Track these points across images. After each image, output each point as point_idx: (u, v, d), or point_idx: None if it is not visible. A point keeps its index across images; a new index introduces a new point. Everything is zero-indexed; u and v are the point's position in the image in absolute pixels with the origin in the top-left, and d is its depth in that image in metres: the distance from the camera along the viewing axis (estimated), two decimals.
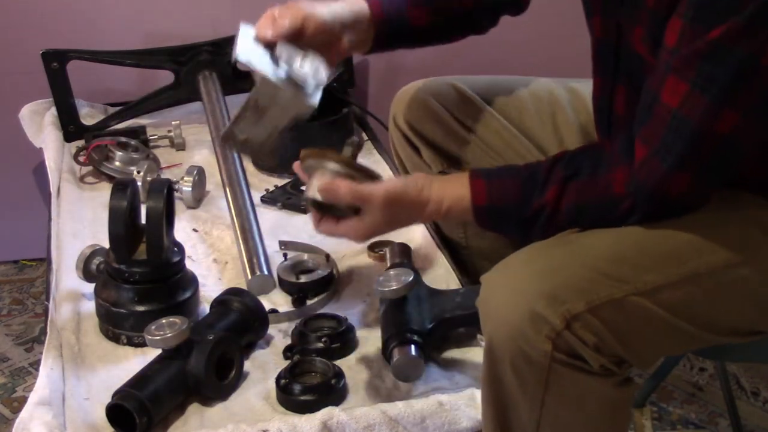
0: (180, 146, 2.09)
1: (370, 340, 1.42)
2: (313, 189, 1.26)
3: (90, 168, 1.98)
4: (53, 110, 2.14)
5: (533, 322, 1.07)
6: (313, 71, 1.28)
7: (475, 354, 1.36)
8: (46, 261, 1.69)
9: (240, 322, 1.38)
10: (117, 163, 1.95)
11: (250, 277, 1.57)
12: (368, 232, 1.27)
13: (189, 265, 1.52)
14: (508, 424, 1.15)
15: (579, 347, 1.08)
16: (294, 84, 1.27)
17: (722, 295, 1.13)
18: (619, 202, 1.13)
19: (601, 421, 1.14)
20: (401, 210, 1.25)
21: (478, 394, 1.22)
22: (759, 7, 1.01)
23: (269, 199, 1.86)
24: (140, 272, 1.42)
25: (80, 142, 2.08)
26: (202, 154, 2.05)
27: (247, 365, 1.37)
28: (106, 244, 1.46)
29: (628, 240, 1.13)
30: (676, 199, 1.11)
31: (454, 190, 1.24)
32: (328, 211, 1.28)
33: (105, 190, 1.84)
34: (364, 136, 2.14)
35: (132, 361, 1.38)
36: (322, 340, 1.37)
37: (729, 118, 1.06)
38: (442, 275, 1.57)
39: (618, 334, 1.09)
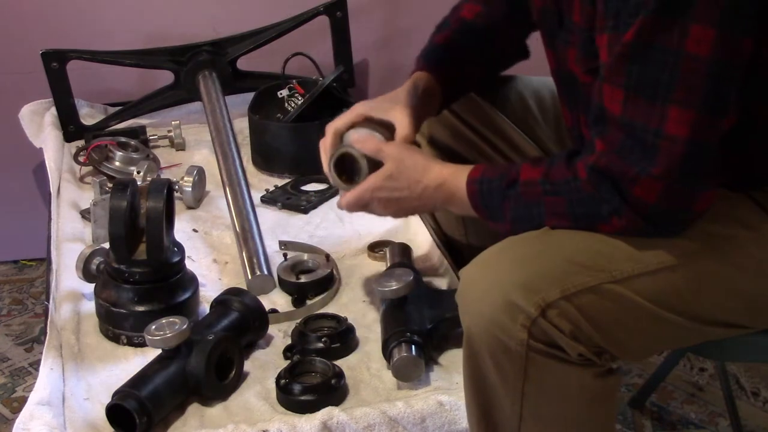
0: (180, 146, 2.09)
1: (370, 340, 1.42)
2: (346, 141, 1.37)
3: (90, 168, 1.98)
4: (53, 110, 2.15)
5: (509, 312, 1.08)
6: None
7: None
8: (46, 261, 1.69)
9: (240, 322, 1.38)
10: (117, 163, 1.95)
11: (250, 277, 1.57)
12: (377, 184, 1.30)
13: (189, 265, 1.52)
14: (492, 419, 1.15)
15: (555, 335, 1.08)
16: None
17: (703, 285, 1.13)
18: (584, 185, 1.12)
19: (583, 413, 1.14)
20: (408, 167, 1.29)
21: None
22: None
23: (269, 199, 1.86)
24: (140, 272, 1.42)
25: (80, 142, 2.08)
26: (202, 154, 2.05)
27: (247, 365, 1.37)
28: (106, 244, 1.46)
29: (604, 236, 1.13)
30: (647, 207, 1.08)
31: (457, 166, 1.28)
32: (346, 174, 1.35)
33: None
34: None
35: (132, 361, 1.38)
36: (322, 340, 1.37)
37: (681, 117, 1.04)
38: (442, 275, 1.57)
39: (594, 322, 1.09)
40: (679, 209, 1.10)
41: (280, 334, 1.45)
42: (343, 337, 1.40)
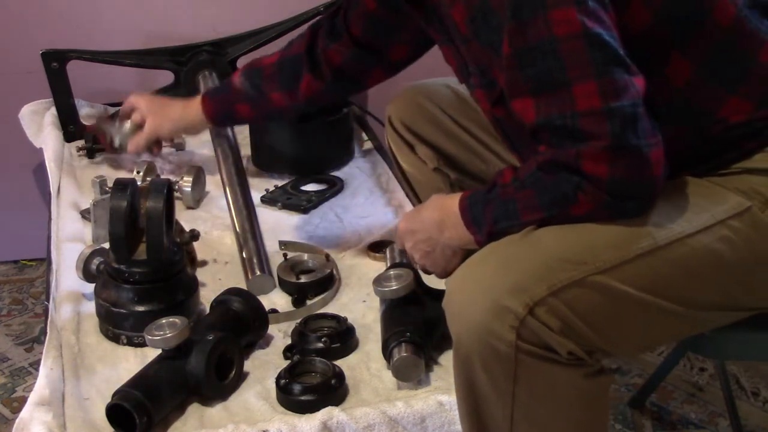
0: (180, 146, 2.09)
1: (370, 340, 1.42)
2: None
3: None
4: (53, 110, 2.15)
5: (497, 314, 1.08)
6: None
7: None
8: (46, 261, 1.69)
9: (240, 322, 1.39)
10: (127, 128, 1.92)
11: (250, 277, 1.57)
12: (410, 217, 1.38)
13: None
14: (484, 423, 1.15)
15: (544, 333, 1.08)
16: None
17: (687, 268, 1.13)
18: (543, 174, 1.14)
19: (574, 414, 1.14)
20: (423, 207, 1.35)
21: None
22: (512, 3, 1.08)
23: (269, 199, 1.86)
24: (140, 272, 1.42)
25: (80, 142, 2.08)
26: (202, 154, 2.05)
27: (247, 365, 1.37)
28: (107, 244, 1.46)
29: (583, 228, 1.14)
30: (604, 182, 1.09)
31: (450, 196, 1.31)
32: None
33: None
34: (364, 136, 2.14)
35: (132, 361, 1.38)
36: (322, 340, 1.37)
37: (586, 91, 1.07)
38: None
39: (583, 316, 1.09)
40: (634, 175, 1.10)
41: (280, 334, 1.45)
42: (343, 337, 1.40)
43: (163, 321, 1.30)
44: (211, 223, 1.78)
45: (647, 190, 1.12)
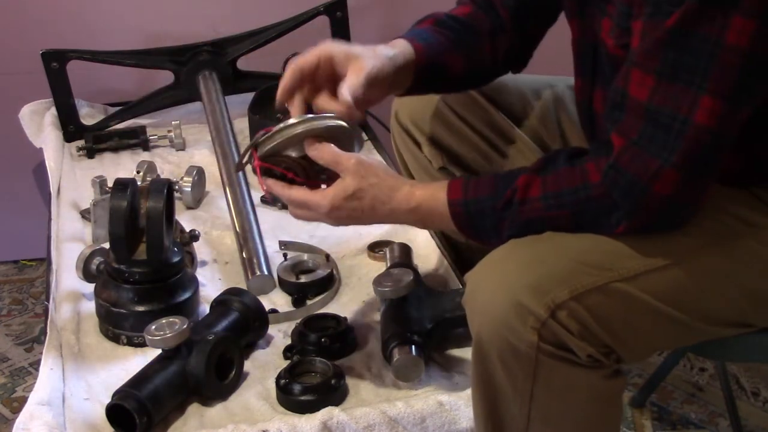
0: (180, 146, 2.09)
1: (370, 340, 1.42)
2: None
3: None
4: (53, 110, 2.15)
5: (518, 314, 1.07)
6: None
7: None
8: (46, 261, 1.69)
9: (240, 322, 1.39)
10: None
11: (250, 277, 1.57)
12: (336, 203, 1.22)
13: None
14: (500, 420, 1.15)
15: (564, 336, 1.08)
16: None
17: (707, 282, 1.13)
18: (596, 191, 1.10)
19: (591, 414, 1.14)
20: (372, 185, 1.22)
21: None
22: None
23: (269, 199, 1.86)
24: (140, 272, 1.42)
25: (80, 142, 2.08)
26: (202, 154, 2.05)
27: (247, 365, 1.37)
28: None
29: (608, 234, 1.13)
30: (663, 201, 1.08)
31: (430, 186, 1.24)
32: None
33: None
34: (364, 136, 2.14)
35: (132, 361, 1.38)
36: (322, 340, 1.37)
37: (713, 107, 1.04)
38: (442, 275, 1.57)
39: (603, 322, 1.09)
40: (689, 201, 1.10)
41: (280, 334, 1.45)
42: (343, 337, 1.40)
43: (163, 321, 1.30)
44: (211, 223, 1.78)
45: (685, 217, 1.11)
